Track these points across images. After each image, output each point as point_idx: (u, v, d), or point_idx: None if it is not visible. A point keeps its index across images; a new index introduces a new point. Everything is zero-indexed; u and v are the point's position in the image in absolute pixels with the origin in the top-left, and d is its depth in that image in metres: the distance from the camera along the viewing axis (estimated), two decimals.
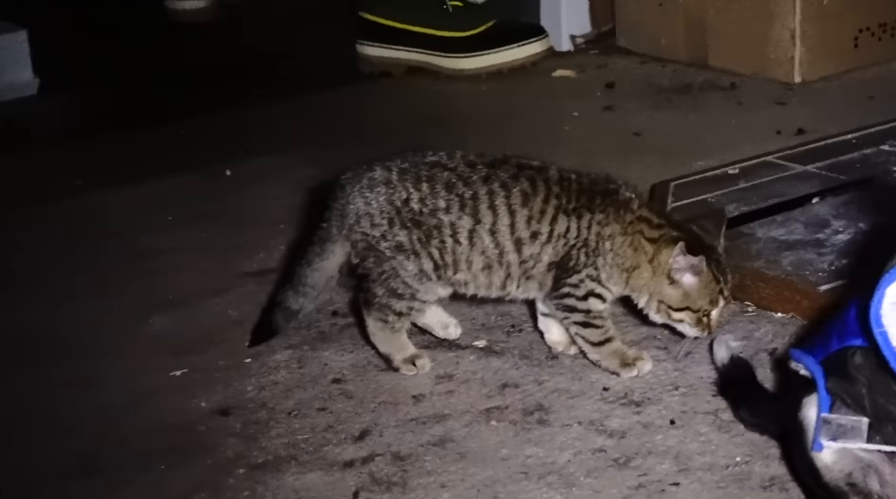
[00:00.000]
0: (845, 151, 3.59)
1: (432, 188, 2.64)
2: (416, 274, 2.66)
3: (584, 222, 2.63)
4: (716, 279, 2.61)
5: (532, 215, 2.62)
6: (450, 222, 2.63)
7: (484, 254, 2.65)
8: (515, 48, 4.62)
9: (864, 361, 1.98)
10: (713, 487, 2.29)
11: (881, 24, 4.37)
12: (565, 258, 2.65)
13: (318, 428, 2.57)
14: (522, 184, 2.63)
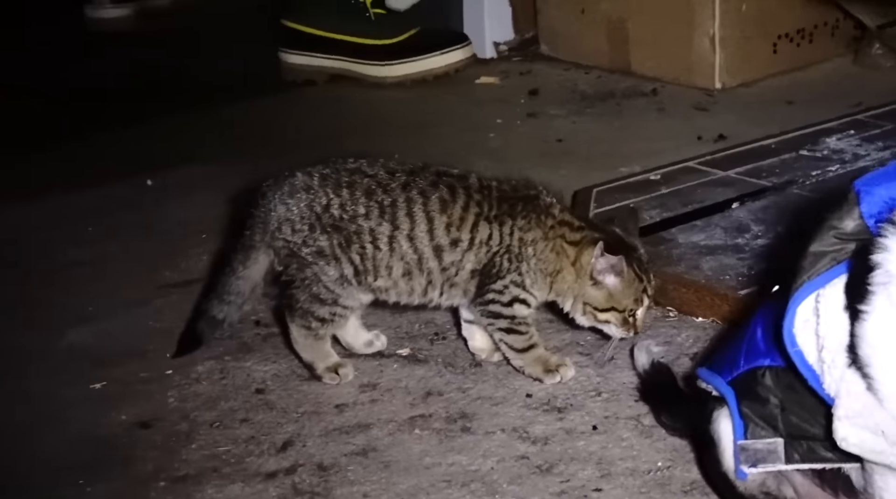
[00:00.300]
0: (765, 157, 3.63)
1: (352, 194, 2.64)
2: (338, 279, 2.66)
3: (507, 229, 2.64)
4: (638, 278, 2.63)
5: (451, 222, 2.63)
6: (369, 228, 2.63)
7: (403, 260, 2.65)
8: (439, 55, 4.63)
9: (775, 382, 2.00)
10: (635, 492, 2.29)
11: (799, 29, 4.42)
12: (488, 265, 2.65)
13: (241, 439, 2.55)
14: (441, 191, 2.64)
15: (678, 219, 3.25)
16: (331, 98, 4.66)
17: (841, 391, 1.82)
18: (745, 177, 3.50)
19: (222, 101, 4.61)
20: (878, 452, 1.81)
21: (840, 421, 1.82)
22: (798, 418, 1.98)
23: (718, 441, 2.08)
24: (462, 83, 4.63)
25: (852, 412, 1.81)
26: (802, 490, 2.07)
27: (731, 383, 2.05)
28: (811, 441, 1.97)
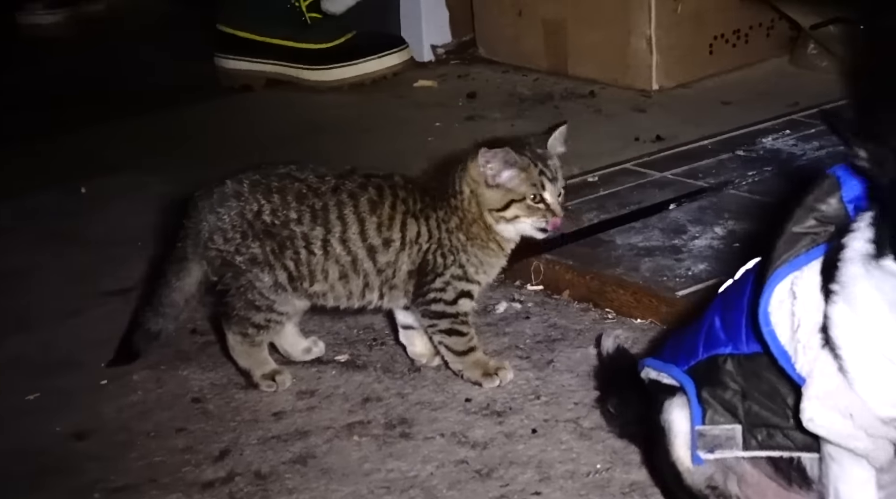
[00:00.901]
0: (701, 157, 3.65)
1: (284, 200, 2.63)
2: (272, 286, 2.64)
3: (433, 223, 2.64)
4: (533, 163, 2.59)
5: (382, 222, 2.63)
6: (302, 233, 2.62)
7: (338, 263, 2.63)
8: (376, 59, 4.62)
9: (737, 369, 2.00)
10: (574, 495, 2.29)
11: (735, 30, 4.44)
12: (423, 264, 2.65)
13: (178, 449, 2.52)
14: (370, 192, 2.64)
15: (616, 221, 3.25)
16: (268, 103, 4.64)
17: (814, 371, 1.82)
18: (682, 178, 3.51)
19: (157, 107, 4.56)
20: (845, 435, 1.82)
21: (810, 401, 1.83)
22: (759, 406, 1.97)
23: (669, 430, 2.07)
24: (400, 87, 4.61)
25: (823, 393, 1.81)
26: (752, 480, 2.07)
27: (689, 371, 2.05)
28: (771, 429, 1.97)
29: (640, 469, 2.34)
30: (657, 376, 2.13)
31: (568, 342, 2.82)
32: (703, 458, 2.03)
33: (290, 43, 4.65)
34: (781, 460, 2.00)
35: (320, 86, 4.63)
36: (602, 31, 4.37)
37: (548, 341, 2.83)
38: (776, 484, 2.05)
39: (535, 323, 2.92)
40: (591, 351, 2.73)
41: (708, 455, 2.03)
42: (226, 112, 4.58)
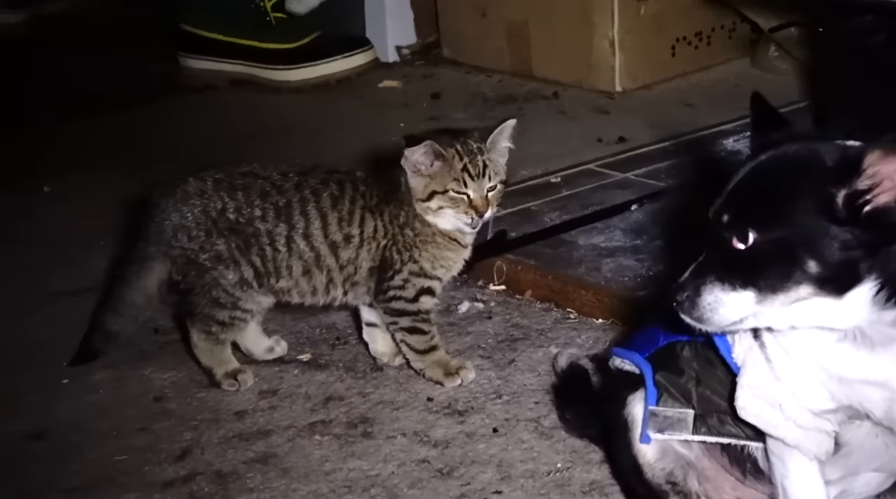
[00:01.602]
0: (663, 158, 3.66)
1: (247, 197, 2.63)
2: (237, 282, 2.64)
3: (386, 218, 2.65)
4: (459, 156, 2.59)
5: (342, 217, 2.64)
6: (266, 230, 2.62)
7: (302, 259, 2.64)
8: (340, 60, 4.62)
9: (693, 355, 2.02)
10: (535, 493, 2.30)
11: (697, 32, 4.46)
12: (382, 262, 2.66)
13: (137, 448, 2.51)
14: (332, 188, 2.65)
15: (578, 221, 3.26)
16: (232, 103, 4.62)
17: (747, 361, 1.87)
18: (643, 179, 3.53)
19: (121, 106, 4.54)
20: (774, 425, 1.86)
21: (742, 389, 1.87)
22: (711, 391, 2.00)
23: (632, 423, 2.09)
24: (364, 87, 4.61)
25: (755, 382, 1.85)
26: (710, 474, 2.09)
27: (649, 357, 2.08)
28: (722, 415, 2.00)
29: (601, 468, 2.36)
30: (621, 363, 2.15)
31: (530, 342, 2.83)
32: (653, 438, 2.05)
33: (254, 43, 4.64)
34: (735, 450, 2.03)
35: (284, 86, 4.62)
36: (565, 32, 4.38)
37: (510, 341, 2.84)
38: (733, 477, 2.08)
39: (497, 323, 2.93)
40: (553, 351, 2.73)
41: (658, 435, 2.05)
42: (189, 111, 4.56)
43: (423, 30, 4.91)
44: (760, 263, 1.70)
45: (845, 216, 1.65)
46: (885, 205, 1.64)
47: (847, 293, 1.68)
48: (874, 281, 1.67)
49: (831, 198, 1.66)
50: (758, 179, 1.74)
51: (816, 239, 1.67)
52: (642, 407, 2.08)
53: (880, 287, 1.67)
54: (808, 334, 1.76)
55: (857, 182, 1.65)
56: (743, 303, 1.72)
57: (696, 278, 1.76)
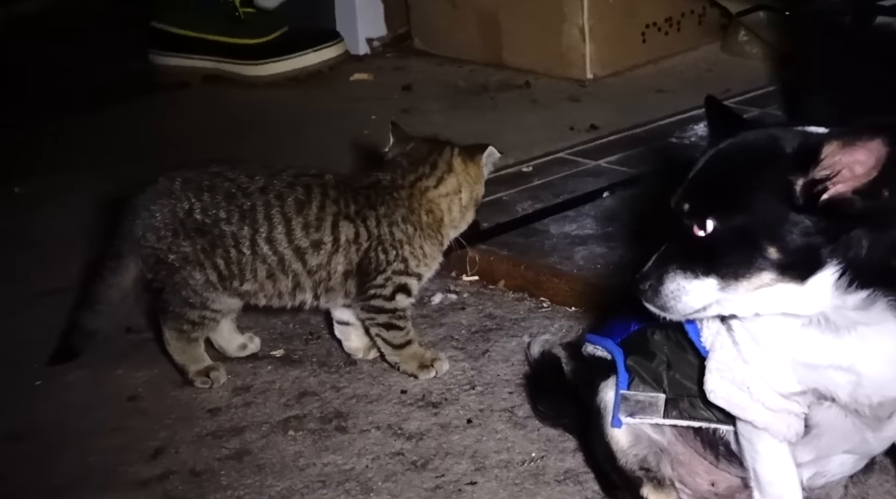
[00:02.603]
0: (634, 145, 3.67)
1: (213, 198, 2.63)
2: (204, 284, 2.64)
3: (372, 222, 2.65)
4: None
5: (309, 223, 2.63)
6: (231, 232, 2.62)
7: (265, 262, 2.64)
8: (311, 53, 4.60)
9: (664, 339, 2.03)
10: (509, 484, 2.31)
11: (667, 18, 4.47)
12: (364, 262, 2.65)
13: (113, 448, 2.52)
14: (297, 192, 2.65)
15: (550, 210, 3.27)
16: (205, 99, 4.61)
17: (715, 345, 1.88)
18: (615, 166, 3.54)
19: (94, 105, 4.52)
20: (743, 408, 1.87)
21: (711, 373, 1.88)
22: (682, 375, 2.01)
23: (604, 410, 2.10)
24: (336, 80, 4.60)
25: (723, 365, 1.87)
26: (684, 459, 2.10)
27: (621, 343, 2.08)
28: (693, 398, 2.00)
29: (575, 457, 2.37)
30: (593, 349, 2.16)
31: (503, 332, 2.84)
32: (624, 422, 2.06)
33: (224, 38, 4.63)
34: (707, 433, 2.04)
35: (256, 81, 4.61)
36: (536, 21, 4.38)
37: (483, 331, 2.85)
38: (706, 461, 2.09)
39: (470, 313, 2.94)
40: (527, 340, 2.74)
41: (629, 419, 2.05)
42: (162, 109, 4.55)
43: (393, 22, 4.90)
44: (721, 250, 1.71)
45: (803, 204, 1.66)
46: (842, 194, 1.65)
47: (809, 279, 1.69)
48: (836, 266, 1.68)
49: (789, 185, 1.67)
50: (717, 167, 1.75)
51: (776, 226, 1.67)
52: (614, 393, 2.09)
53: (842, 272, 1.68)
54: (773, 320, 1.76)
55: (814, 171, 1.65)
56: (705, 291, 1.73)
57: (658, 267, 1.77)
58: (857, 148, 1.62)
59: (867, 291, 1.69)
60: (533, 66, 4.44)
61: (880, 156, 1.62)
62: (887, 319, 1.71)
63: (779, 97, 3.86)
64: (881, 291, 1.69)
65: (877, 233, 1.67)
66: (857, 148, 1.62)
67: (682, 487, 2.13)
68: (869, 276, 1.68)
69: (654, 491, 2.11)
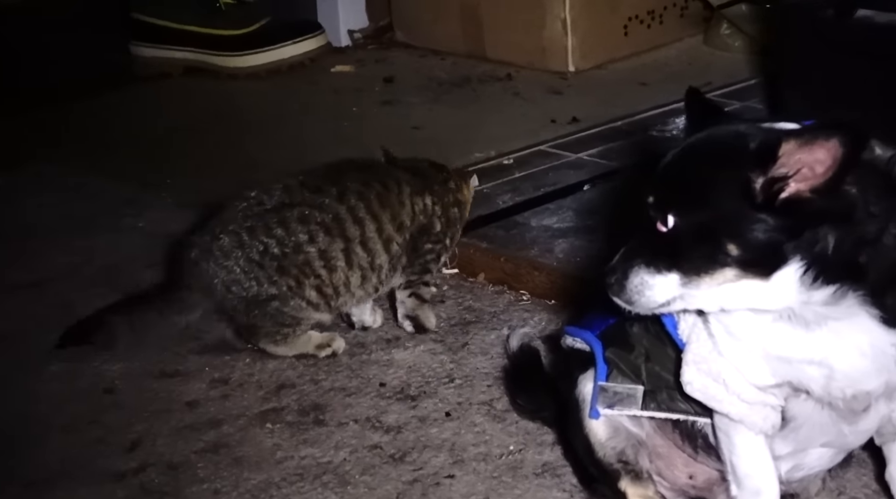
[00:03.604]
0: (616, 138, 3.67)
1: (287, 229, 2.66)
2: (299, 308, 2.69)
3: (436, 196, 2.80)
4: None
5: (395, 213, 2.73)
6: (319, 252, 2.67)
7: (360, 268, 2.70)
8: (291, 45, 4.59)
9: (643, 331, 2.03)
10: (487, 477, 2.30)
11: (649, 11, 4.46)
12: (425, 226, 2.79)
13: (90, 441, 2.50)
14: (377, 187, 2.73)
15: (530, 202, 3.27)
16: (186, 91, 4.59)
17: (692, 337, 1.88)
18: (596, 159, 3.53)
19: (74, 97, 4.49)
20: (719, 400, 1.86)
21: (688, 365, 1.88)
22: (661, 367, 2.01)
23: (583, 403, 2.09)
24: (317, 72, 4.59)
25: (699, 358, 1.86)
26: (662, 452, 2.10)
27: (600, 335, 2.08)
28: (671, 391, 2.00)
29: (553, 450, 2.36)
30: (573, 342, 2.15)
31: (482, 325, 2.83)
32: (602, 413, 2.05)
33: (205, 30, 4.61)
34: (685, 426, 2.04)
35: (237, 72, 4.59)
36: (518, 14, 4.38)
37: (462, 324, 2.84)
38: (685, 454, 2.09)
39: (449, 306, 2.93)
40: (506, 333, 2.73)
41: (607, 411, 2.05)
42: (144, 100, 4.53)
43: (375, 13, 4.89)
44: (683, 246, 1.70)
45: (763, 201, 1.65)
46: (800, 193, 1.64)
47: (773, 275, 1.68)
48: (800, 262, 1.67)
49: (749, 182, 1.65)
50: (681, 163, 1.75)
51: (736, 223, 1.67)
52: (593, 385, 2.08)
53: (807, 268, 1.67)
54: (745, 314, 1.76)
55: (773, 169, 1.64)
56: (668, 286, 1.72)
57: (625, 261, 1.77)
58: (815, 147, 1.61)
59: (834, 287, 1.68)
60: (515, 59, 4.44)
61: (837, 155, 1.60)
62: (858, 313, 1.71)
63: (760, 90, 3.86)
64: (849, 286, 1.69)
65: (843, 229, 1.66)
66: (815, 147, 1.61)
67: (661, 479, 2.13)
68: (836, 271, 1.67)
69: (632, 484, 2.10)
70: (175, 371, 2.73)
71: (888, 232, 1.69)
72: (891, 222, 1.70)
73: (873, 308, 1.71)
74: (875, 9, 2.91)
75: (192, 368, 2.74)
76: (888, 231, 1.69)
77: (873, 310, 1.71)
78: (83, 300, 2.94)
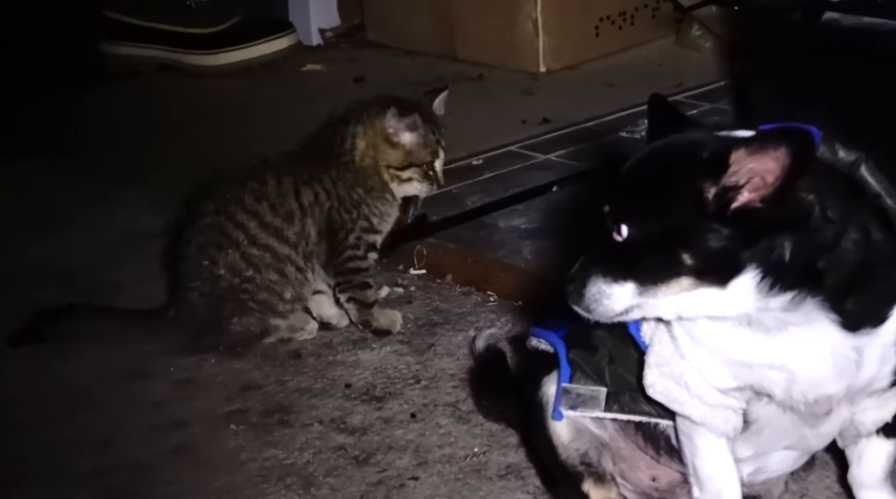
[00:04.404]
0: (585, 139, 3.67)
1: (199, 264, 2.75)
2: (254, 323, 2.78)
3: (327, 183, 2.76)
4: (432, 132, 2.80)
5: (273, 203, 2.72)
6: (228, 269, 2.72)
7: (268, 265, 2.73)
8: (263, 43, 4.59)
9: (607, 333, 2.02)
10: (451, 478, 2.30)
11: (621, 12, 4.47)
12: (331, 224, 2.75)
13: (58, 441, 2.49)
14: (252, 185, 2.72)
15: (499, 203, 3.26)
16: (157, 89, 4.58)
17: (654, 339, 1.88)
18: (565, 160, 3.53)
19: (45, 93, 4.47)
20: (681, 403, 1.86)
21: (650, 368, 1.88)
22: (624, 369, 2.01)
23: (546, 405, 2.09)
24: (288, 71, 4.58)
25: (661, 360, 1.86)
26: (625, 454, 2.10)
27: (564, 336, 2.08)
28: (634, 393, 2.00)
29: (517, 452, 2.36)
30: (537, 343, 2.15)
31: (450, 326, 2.83)
32: (565, 414, 2.05)
33: (176, 28, 4.61)
34: (648, 428, 2.04)
35: (208, 71, 4.58)
36: (489, 14, 4.38)
37: (429, 325, 2.84)
38: (648, 456, 2.09)
39: (417, 307, 2.93)
40: (472, 334, 2.73)
41: (570, 412, 2.05)
42: (114, 98, 4.51)
43: (347, 12, 4.89)
44: (639, 255, 1.70)
45: (715, 211, 1.64)
46: (751, 202, 1.63)
47: (730, 283, 1.67)
48: (756, 270, 1.66)
49: (701, 192, 1.65)
50: (636, 172, 1.74)
51: (690, 233, 1.66)
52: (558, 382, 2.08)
53: (763, 275, 1.67)
54: (705, 321, 1.76)
55: (724, 178, 1.64)
56: (625, 295, 1.72)
57: (583, 270, 1.77)
58: (764, 156, 1.60)
59: (792, 293, 1.68)
60: (486, 59, 4.44)
61: (785, 164, 1.59)
62: (817, 318, 1.71)
63: (731, 92, 3.87)
64: (807, 292, 1.69)
65: (800, 236, 1.66)
66: (764, 156, 1.60)
67: (624, 482, 2.13)
68: (793, 278, 1.67)
69: (595, 486, 2.10)
70: (142, 372, 2.72)
71: (846, 237, 1.69)
72: (849, 227, 1.70)
73: (832, 313, 1.71)
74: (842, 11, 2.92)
75: (159, 368, 2.73)
76: (847, 236, 1.69)
77: (833, 315, 1.71)
78: (54, 298, 2.92)
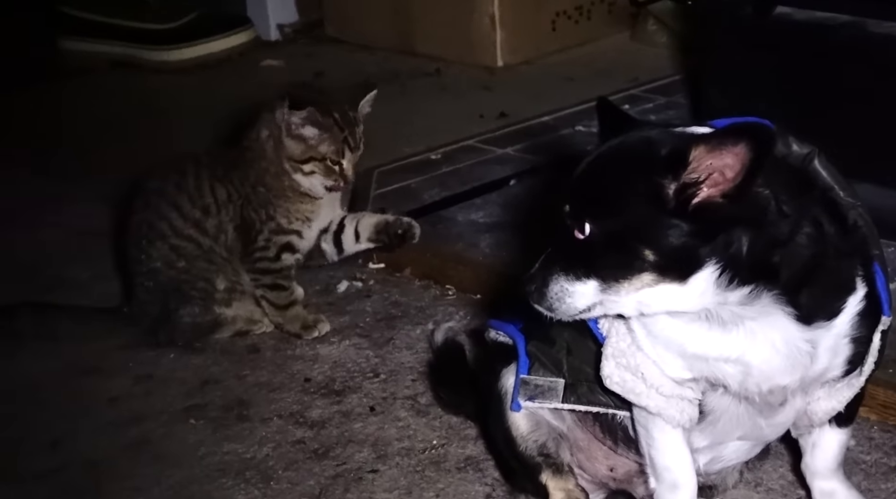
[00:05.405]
0: (543, 133, 3.68)
1: (142, 253, 2.78)
2: (198, 313, 2.79)
3: (237, 182, 2.75)
4: (339, 127, 2.74)
5: (192, 195, 2.73)
6: (164, 263, 2.74)
7: (195, 256, 2.73)
8: (220, 39, 4.57)
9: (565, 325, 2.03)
10: (410, 471, 2.31)
11: (577, 6, 4.48)
12: (243, 222, 2.74)
13: (9, 439, 2.48)
14: (173, 177, 2.75)
15: (457, 197, 3.27)
16: (112, 85, 4.55)
17: (611, 331, 1.89)
18: (522, 154, 3.54)
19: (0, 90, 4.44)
20: (637, 393, 1.88)
21: (607, 359, 1.90)
22: (582, 361, 2.03)
23: (505, 396, 2.11)
24: (246, 67, 4.57)
25: (618, 352, 1.88)
26: (583, 445, 2.12)
27: (523, 328, 2.09)
28: (591, 384, 2.01)
29: (476, 444, 2.37)
30: (496, 335, 2.17)
31: (408, 319, 2.84)
32: (523, 406, 2.06)
33: (132, 23, 4.58)
34: (606, 419, 2.06)
35: (164, 66, 4.56)
36: (447, 9, 4.38)
37: (388, 319, 2.85)
38: (605, 446, 2.10)
39: (375, 301, 2.93)
40: (431, 328, 2.74)
41: (528, 403, 2.06)
42: (69, 94, 4.48)
43: (305, 8, 4.87)
44: (601, 253, 1.71)
45: (675, 207, 1.66)
46: (711, 198, 1.65)
47: (690, 278, 1.69)
48: (715, 265, 1.68)
49: (661, 189, 1.66)
50: (594, 171, 1.75)
51: (650, 229, 1.68)
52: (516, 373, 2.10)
53: (722, 270, 1.68)
54: (663, 316, 1.77)
55: (684, 175, 1.65)
56: (588, 293, 1.73)
57: (544, 269, 1.78)
58: (723, 152, 1.62)
59: (750, 287, 1.70)
60: (444, 54, 4.44)
61: (745, 160, 1.61)
62: (772, 312, 1.73)
63: (684, 86, 3.89)
64: (764, 286, 1.70)
65: (755, 231, 1.68)
66: (723, 152, 1.62)
67: (581, 472, 2.15)
68: (750, 272, 1.69)
69: (553, 477, 2.12)
70: (97, 368, 2.72)
71: (801, 231, 1.71)
72: (803, 221, 1.72)
73: (787, 306, 1.73)
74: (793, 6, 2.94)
75: (116, 364, 2.73)
76: (801, 230, 1.71)
77: (787, 308, 1.73)
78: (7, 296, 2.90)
